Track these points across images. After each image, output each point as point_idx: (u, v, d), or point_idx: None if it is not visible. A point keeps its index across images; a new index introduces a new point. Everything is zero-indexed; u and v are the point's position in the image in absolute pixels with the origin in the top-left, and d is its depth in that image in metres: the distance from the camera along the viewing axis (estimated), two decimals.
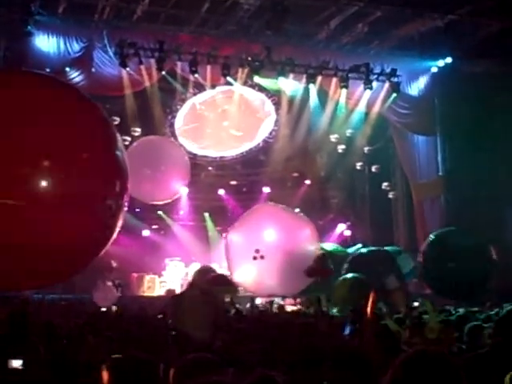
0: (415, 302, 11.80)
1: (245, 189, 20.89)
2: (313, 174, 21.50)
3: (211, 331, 7.63)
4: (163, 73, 17.13)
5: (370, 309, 5.30)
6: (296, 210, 17.56)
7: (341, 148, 19.81)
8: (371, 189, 21.75)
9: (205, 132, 19.13)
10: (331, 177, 21.72)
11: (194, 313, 8.28)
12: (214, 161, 19.69)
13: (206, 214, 19.96)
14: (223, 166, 20.26)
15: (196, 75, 17.42)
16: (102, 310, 13.06)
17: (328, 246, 18.04)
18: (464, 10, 16.55)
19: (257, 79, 18.44)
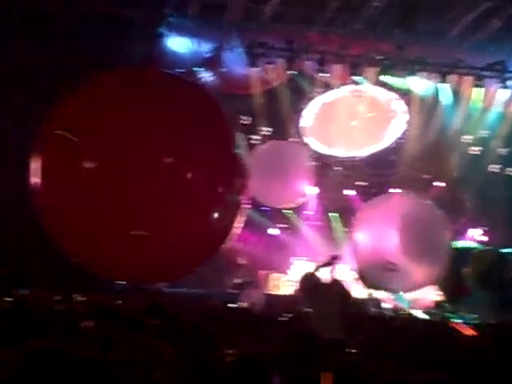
0: None
1: (374, 190, 20.47)
2: (444, 175, 20.73)
3: (345, 331, 7.53)
4: (291, 72, 17.28)
5: None
6: None
7: (474, 149, 19.03)
8: (507, 192, 20.65)
9: (332, 132, 18.99)
10: (464, 179, 20.83)
11: (331, 311, 8.21)
12: (341, 161, 19.50)
13: (334, 214, 19.79)
14: (351, 166, 19.99)
15: (324, 74, 17.42)
16: (229, 306, 13.29)
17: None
18: None
19: (386, 78, 18.14)
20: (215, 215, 10.58)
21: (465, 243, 17.76)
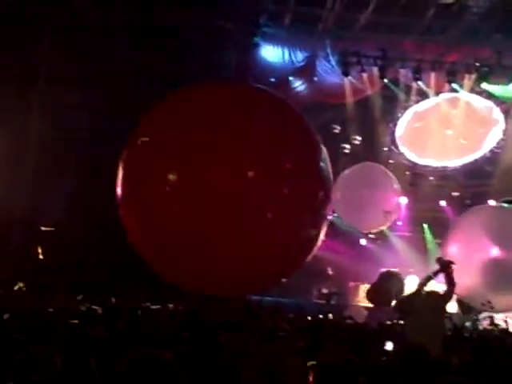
0: None
1: (468, 201, 19.81)
2: None
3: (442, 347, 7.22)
4: (385, 80, 16.97)
5: None
6: None
7: None
8: None
9: (427, 140, 18.50)
10: None
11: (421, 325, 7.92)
12: (435, 170, 18.98)
13: (425, 226, 19.32)
14: (445, 176, 19.45)
15: (419, 82, 17.03)
16: (321, 317, 13.18)
17: None
18: None
19: (485, 86, 17.51)
20: (301, 227, 10.53)
21: None
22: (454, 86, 17.33)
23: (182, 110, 10.63)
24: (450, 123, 18.31)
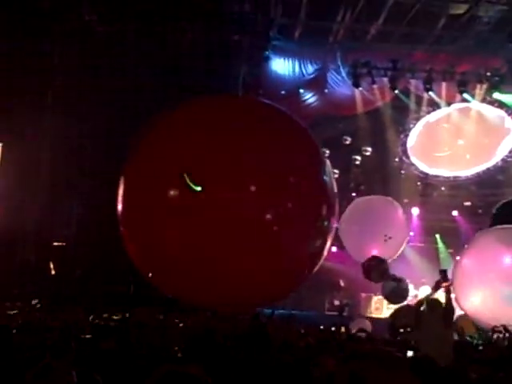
0: None
1: (480, 210, 19.77)
2: None
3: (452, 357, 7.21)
4: (396, 91, 16.94)
5: None
6: None
7: None
8: None
9: (438, 151, 18.45)
10: None
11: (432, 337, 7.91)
12: (447, 180, 18.92)
13: (438, 236, 19.27)
14: (457, 186, 19.38)
15: (430, 93, 16.98)
16: (332, 329, 13.12)
17: None
18: None
19: (497, 95, 17.44)
20: (306, 241, 10.49)
21: None
22: (466, 95, 17.27)
23: (184, 123, 10.50)
24: (461, 133, 18.26)
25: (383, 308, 17.49)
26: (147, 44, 15.40)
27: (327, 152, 16.51)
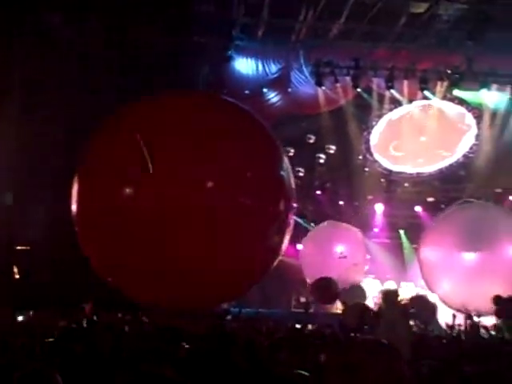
0: None
1: (443, 205, 19.99)
2: None
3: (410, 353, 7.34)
4: (359, 89, 17.09)
5: None
6: None
7: None
8: None
9: (401, 148, 18.67)
10: None
11: (392, 333, 8.04)
12: (410, 177, 19.15)
13: (402, 231, 19.47)
14: (420, 182, 19.61)
15: (392, 91, 17.18)
16: (296, 327, 13.18)
17: None
18: None
19: (457, 92, 17.72)
20: (265, 235, 10.48)
21: None
22: (427, 93, 17.51)
23: (141, 120, 10.35)
24: (423, 130, 18.50)
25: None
26: (108, 43, 15.25)
27: (292, 151, 16.62)
